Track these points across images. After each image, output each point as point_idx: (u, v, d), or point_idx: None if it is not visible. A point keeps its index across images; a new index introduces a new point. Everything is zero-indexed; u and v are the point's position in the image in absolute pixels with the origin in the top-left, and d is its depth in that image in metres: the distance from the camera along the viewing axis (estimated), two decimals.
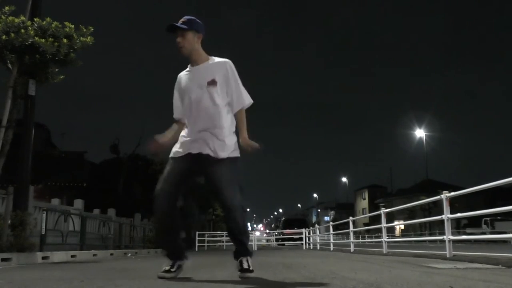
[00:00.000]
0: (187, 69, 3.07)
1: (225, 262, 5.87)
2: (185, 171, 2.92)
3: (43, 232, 7.86)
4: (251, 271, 2.87)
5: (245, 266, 2.88)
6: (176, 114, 3.10)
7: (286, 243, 23.95)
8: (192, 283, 2.62)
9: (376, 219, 35.76)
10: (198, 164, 2.89)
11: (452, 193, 5.95)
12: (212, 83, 2.93)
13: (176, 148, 2.98)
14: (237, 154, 2.96)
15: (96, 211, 13.64)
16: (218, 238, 25.26)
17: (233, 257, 2.97)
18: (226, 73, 2.97)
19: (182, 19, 2.99)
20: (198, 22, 3.02)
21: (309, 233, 19.58)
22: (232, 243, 3.11)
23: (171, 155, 2.98)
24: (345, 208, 71.42)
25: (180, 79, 3.07)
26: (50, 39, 6.37)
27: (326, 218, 69.62)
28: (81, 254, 8.54)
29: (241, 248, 2.96)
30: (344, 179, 71.65)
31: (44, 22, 6.47)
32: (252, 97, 3.09)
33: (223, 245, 23.70)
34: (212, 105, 2.90)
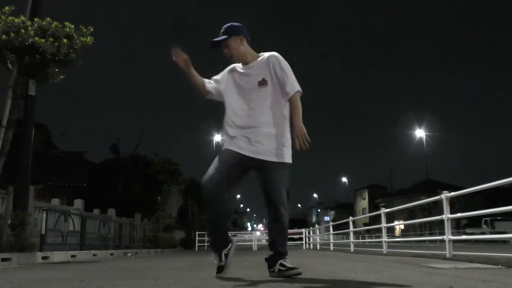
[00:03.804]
0: (240, 66, 3.07)
1: None
2: None
3: (43, 232, 7.84)
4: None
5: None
6: (209, 86, 3.08)
7: None
8: (193, 282, 2.62)
9: (376, 219, 35.77)
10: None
11: (452, 193, 5.95)
12: (263, 82, 2.95)
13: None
14: None
15: (96, 211, 13.65)
16: None
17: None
18: (274, 67, 2.95)
19: (221, 31, 3.01)
20: (235, 26, 3.01)
21: (309, 233, 19.58)
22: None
23: None
24: (345, 208, 71.41)
25: (232, 70, 3.09)
26: (50, 39, 6.37)
27: (326, 218, 69.63)
28: (81, 254, 8.54)
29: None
30: (344, 179, 71.74)
31: (44, 22, 6.47)
32: None
33: None
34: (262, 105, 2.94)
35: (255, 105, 2.96)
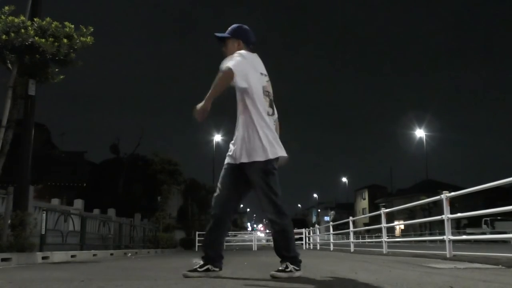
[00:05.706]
0: None
1: (225, 261, 5.87)
2: None
3: (43, 232, 7.84)
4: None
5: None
6: None
7: None
8: (193, 282, 2.61)
9: (376, 219, 35.75)
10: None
11: (452, 193, 5.95)
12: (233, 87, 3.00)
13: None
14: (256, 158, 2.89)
15: (96, 211, 13.63)
16: None
17: None
18: None
19: (228, 29, 3.14)
20: (238, 28, 3.11)
21: (309, 233, 19.58)
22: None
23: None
24: (345, 208, 71.44)
25: None
26: (50, 39, 6.37)
27: (326, 218, 69.65)
28: (81, 254, 8.54)
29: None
30: (344, 179, 71.77)
31: (44, 22, 6.47)
32: None
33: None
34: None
35: (237, 108, 3.07)
